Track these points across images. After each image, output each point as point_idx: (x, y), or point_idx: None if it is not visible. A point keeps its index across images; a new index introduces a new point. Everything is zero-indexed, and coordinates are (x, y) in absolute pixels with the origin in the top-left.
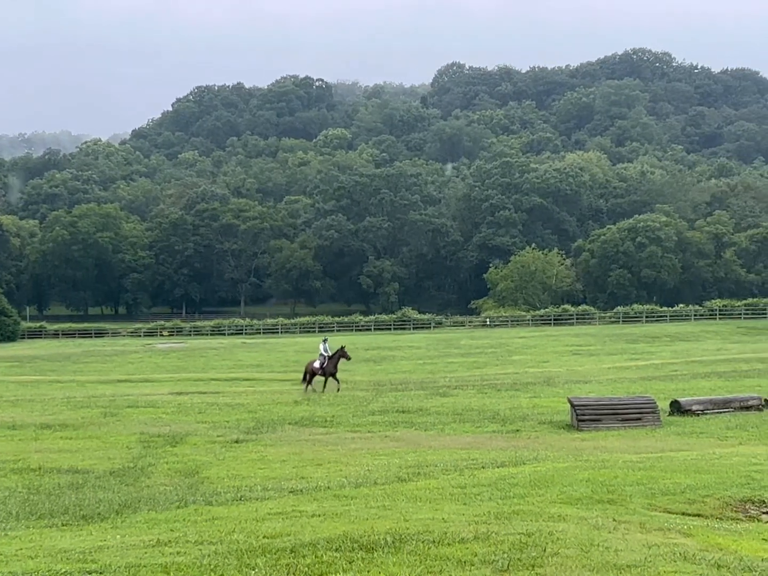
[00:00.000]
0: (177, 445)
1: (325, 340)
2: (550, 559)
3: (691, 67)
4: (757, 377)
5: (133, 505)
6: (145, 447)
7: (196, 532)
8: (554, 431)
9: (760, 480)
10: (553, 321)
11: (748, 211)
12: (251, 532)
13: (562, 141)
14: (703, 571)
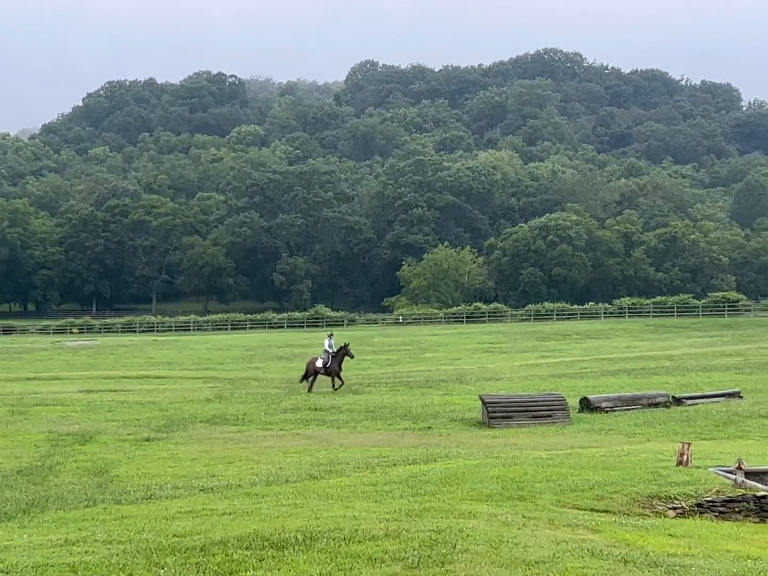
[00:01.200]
0: (86, 443)
1: (330, 336)
2: (460, 556)
3: (601, 68)
4: (665, 375)
5: (41, 504)
6: (53, 445)
7: (105, 531)
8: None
9: (666, 476)
10: (465, 319)
11: (656, 211)
12: (161, 530)
13: (475, 140)
14: (609, 567)
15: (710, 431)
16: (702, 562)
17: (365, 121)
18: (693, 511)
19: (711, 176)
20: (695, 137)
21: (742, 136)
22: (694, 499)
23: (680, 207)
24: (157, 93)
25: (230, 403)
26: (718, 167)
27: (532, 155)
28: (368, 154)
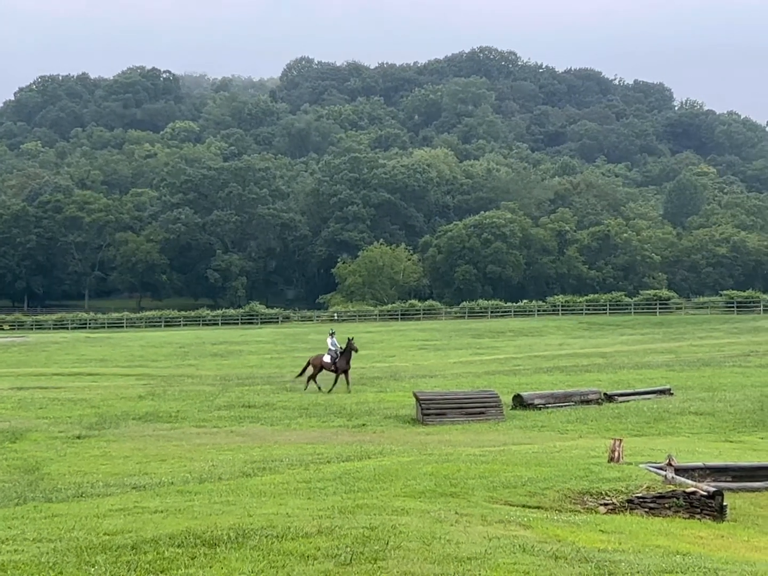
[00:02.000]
0: (17, 441)
1: (332, 333)
2: (393, 553)
3: (536, 67)
4: (597, 372)
5: None
6: None
7: (35, 529)
8: (400, 425)
9: (598, 472)
10: (400, 316)
11: (590, 209)
12: (92, 529)
13: (410, 137)
14: (541, 563)
15: (641, 428)
16: (632, 557)
17: (300, 118)
18: (624, 507)
19: (643, 175)
20: (628, 136)
21: (674, 135)
22: (625, 495)
23: (613, 205)
24: (90, 88)
25: (163, 401)
26: (651, 166)
27: (467, 153)
28: (303, 151)
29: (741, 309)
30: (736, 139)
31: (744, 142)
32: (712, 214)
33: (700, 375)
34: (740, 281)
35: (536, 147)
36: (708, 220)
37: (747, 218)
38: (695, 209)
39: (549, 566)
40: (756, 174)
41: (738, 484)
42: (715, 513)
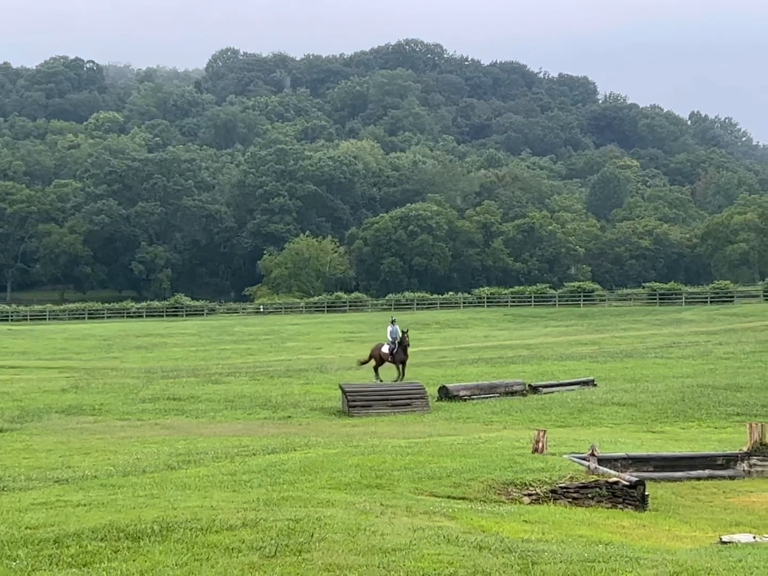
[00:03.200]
0: None
1: (393, 321)
2: (317, 544)
3: (461, 59)
4: (522, 363)
5: None
6: None
7: None
8: (326, 417)
9: (522, 463)
10: (326, 308)
11: (515, 202)
12: (13, 522)
13: (337, 129)
14: (465, 553)
15: (565, 419)
16: (555, 547)
17: (226, 109)
18: (547, 497)
19: (568, 168)
20: (553, 129)
21: (597, 128)
22: (549, 485)
23: (538, 198)
24: (12, 77)
25: (87, 393)
26: (575, 159)
27: (393, 145)
28: (229, 143)
29: (663, 301)
30: (658, 132)
31: (666, 135)
32: (635, 206)
33: (622, 366)
34: (663, 273)
35: (462, 139)
36: (631, 213)
37: (669, 211)
38: (619, 202)
39: (473, 557)
40: (678, 167)
41: (660, 474)
42: (637, 503)
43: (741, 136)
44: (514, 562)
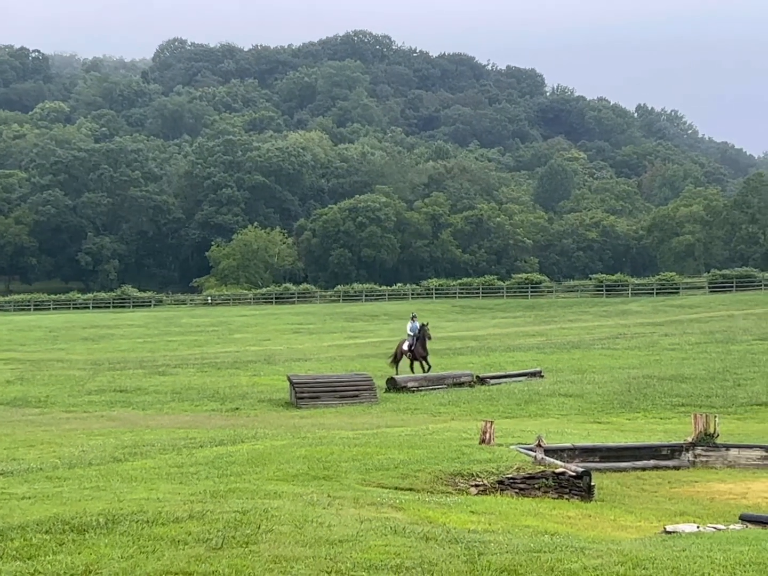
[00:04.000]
0: None
1: (413, 317)
2: (264, 536)
3: (410, 51)
4: (470, 354)
5: None
6: None
7: None
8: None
9: (469, 454)
10: (274, 299)
11: (463, 193)
12: None
13: (285, 120)
14: (411, 544)
15: (512, 410)
16: (501, 537)
17: (173, 100)
18: (494, 488)
19: (516, 160)
20: (500, 121)
21: (545, 121)
22: (496, 476)
23: (486, 190)
24: None
25: (32, 385)
26: (523, 151)
27: (341, 137)
28: (177, 133)
29: (610, 292)
30: (605, 125)
31: (613, 128)
32: (582, 198)
33: (569, 357)
34: (609, 265)
35: (410, 131)
36: (578, 205)
37: (616, 203)
38: (566, 194)
39: (420, 548)
40: (625, 159)
41: (605, 465)
42: (584, 493)
43: (687, 128)
44: (460, 552)
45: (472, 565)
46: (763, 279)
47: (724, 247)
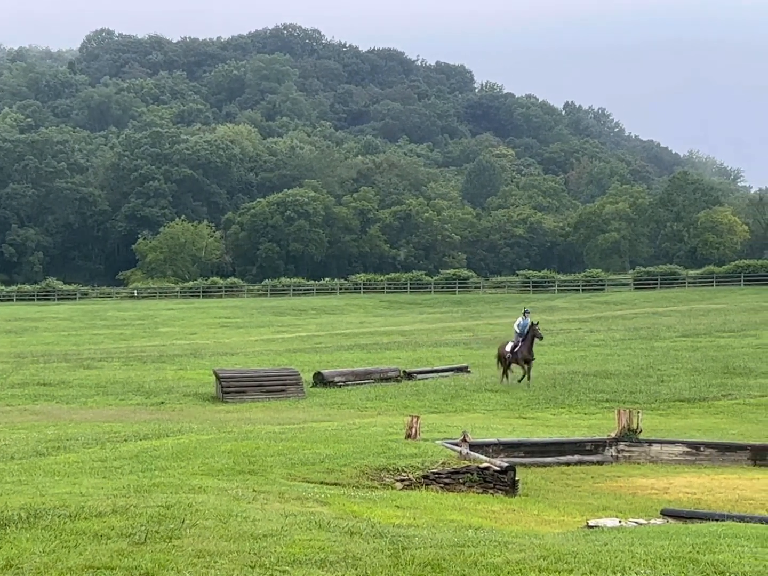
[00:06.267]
0: None
1: (525, 313)
2: (188, 531)
3: (339, 45)
4: (397, 349)
5: None
6: None
7: None
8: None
9: (395, 449)
10: (201, 293)
11: (392, 188)
12: None
13: (213, 113)
14: (336, 538)
15: (439, 405)
16: (426, 532)
17: (100, 91)
18: (420, 482)
19: (444, 156)
20: (430, 117)
21: (474, 117)
22: (421, 471)
23: (415, 185)
24: None
25: None
26: (452, 147)
27: (270, 130)
28: (103, 125)
29: (537, 288)
30: (533, 122)
31: (541, 125)
32: (510, 195)
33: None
34: (536, 261)
35: (340, 126)
36: (506, 201)
37: (543, 200)
38: (494, 190)
39: (344, 542)
40: (552, 157)
41: (530, 460)
42: (508, 488)
43: (614, 126)
44: (384, 547)
45: (396, 560)
46: (687, 276)
47: (650, 245)
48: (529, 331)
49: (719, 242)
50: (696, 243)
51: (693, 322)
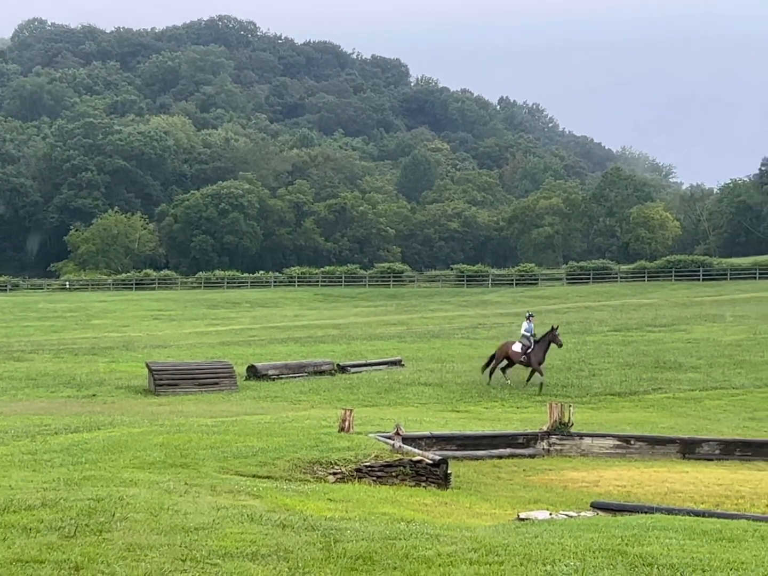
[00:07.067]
0: None
1: (529, 317)
2: (119, 524)
3: (275, 38)
4: (331, 343)
5: None
6: None
7: None
8: (132, 396)
9: (328, 442)
10: (134, 285)
11: (327, 182)
12: None
13: (147, 104)
14: (268, 531)
15: (372, 398)
16: (357, 525)
17: (32, 81)
18: (352, 475)
19: (380, 149)
20: (365, 110)
21: (409, 111)
22: (354, 464)
23: (350, 179)
24: None
25: None
26: (387, 141)
27: (205, 122)
28: (35, 115)
29: (471, 282)
30: (468, 116)
31: (476, 119)
32: (444, 189)
33: (429, 347)
34: (470, 255)
35: (275, 118)
36: (441, 196)
37: (478, 194)
38: (429, 184)
39: (276, 535)
40: (487, 151)
41: (463, 453)
42: (440, 481)
43: (548, 122)
44: (316, 540)
45: (327, 553)
46: (619, 271)
47: (583, 240)
48: (547, 335)
49: (651, 237)
50: (628, 238)
51: (624, 316)
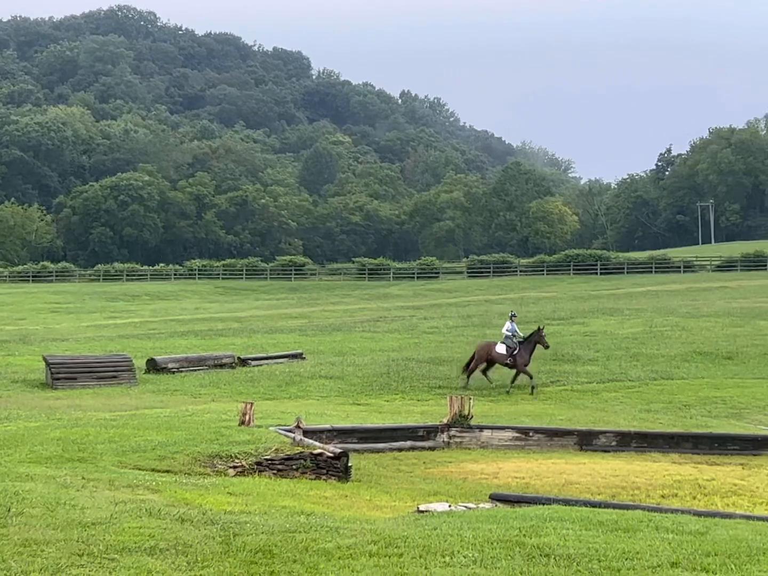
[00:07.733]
0: None
1: (512, 317)
2: (14, 519)
3: (175, 28)
4: (232, 336)
5: None
6: None
7: None
8: (28, 390)
9: (228, 435)
10: (31, 278)
11: (228, 174)
12: None
13: (45, 94)
14: (167, 526)
15: (273, 391)
16: (258, 518)
17: None
18: (253, 469)
19: (281, 142)
20: (267, 103)
21: (311, 104)
22: (254, 457)
23: (251, 171)
24: None
25: None
26: (289, 133)
27: (104, 113)
28: None
29: (372, 276)
30: (370, 110)
31: (378, 113)
32: (346, 182)
33: (331, 340)
34: (372, 249)
35: (175, 110)
36: (343, 189)
37: (380, 188)
38: (331, 177)
39: (175, 529)
40: (389, 145)
41: (363, 446)
42: (341, 473)
43: (449, 116)
44: (216, 534)
45: (227, 546)
46: (519, 265)
47: (483, 234)
48: (533, 336)
49: (550, 232)
50: (528, 232)
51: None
